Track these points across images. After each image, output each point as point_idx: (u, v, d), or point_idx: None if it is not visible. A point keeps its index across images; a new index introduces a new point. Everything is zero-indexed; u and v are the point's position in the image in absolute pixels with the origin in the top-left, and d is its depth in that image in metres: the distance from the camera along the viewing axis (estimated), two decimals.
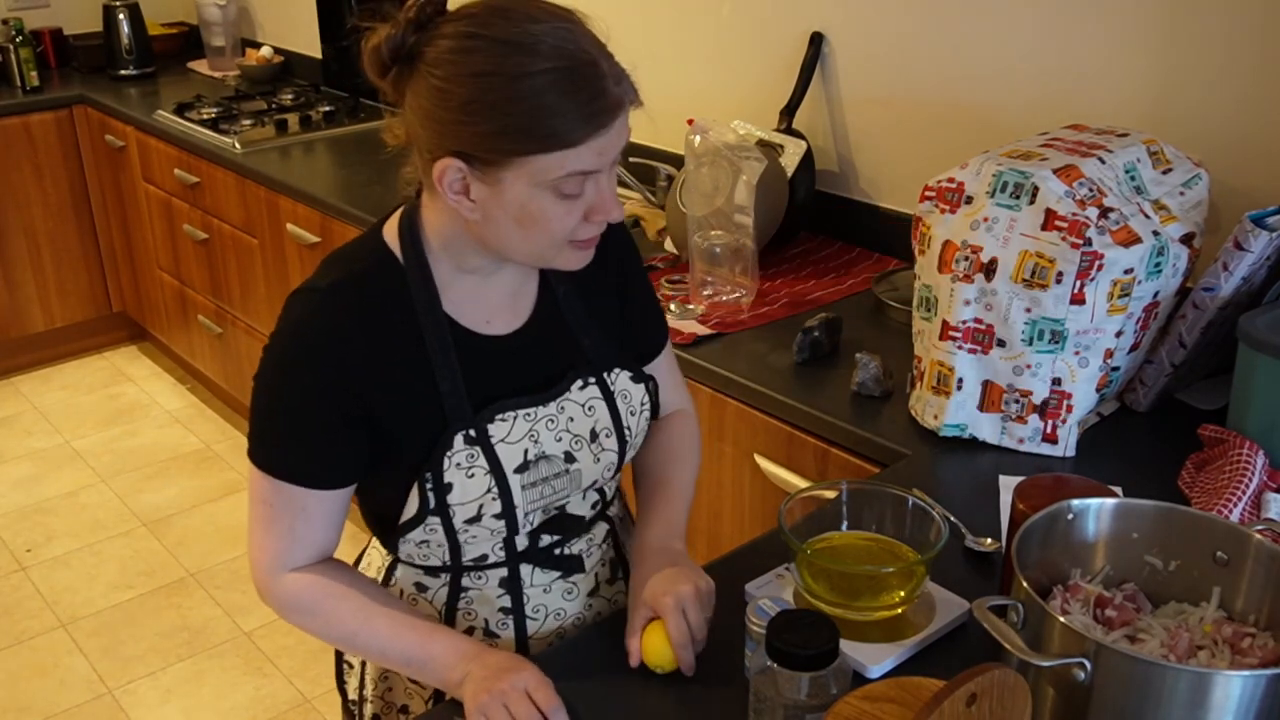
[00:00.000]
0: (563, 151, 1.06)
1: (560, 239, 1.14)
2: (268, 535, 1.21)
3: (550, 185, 1.09)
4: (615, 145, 1.10)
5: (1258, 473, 1.43)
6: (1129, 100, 1.93)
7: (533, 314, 1.27)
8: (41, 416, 3.91)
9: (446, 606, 1.30)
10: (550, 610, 1.32)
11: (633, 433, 1.30)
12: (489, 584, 1.29)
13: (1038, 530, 1.10)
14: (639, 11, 2.69)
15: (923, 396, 1.66)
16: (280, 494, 1.19)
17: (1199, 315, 1.59)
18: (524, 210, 1.10)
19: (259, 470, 1.20)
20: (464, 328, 1.22)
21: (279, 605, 1.23)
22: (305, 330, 1.16)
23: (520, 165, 1.07)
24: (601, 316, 1.31)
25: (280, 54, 4.06)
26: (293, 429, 1.18)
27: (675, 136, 2.35)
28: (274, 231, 3.14)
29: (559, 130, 1.05)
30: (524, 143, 1.06)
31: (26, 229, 3.98)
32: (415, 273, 1.20)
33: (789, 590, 1.28)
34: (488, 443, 1.20)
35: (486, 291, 1.24)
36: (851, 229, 2.42)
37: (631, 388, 1.30)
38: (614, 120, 1.08)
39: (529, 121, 1.05)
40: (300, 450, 1.18)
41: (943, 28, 2.16)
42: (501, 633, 1.31)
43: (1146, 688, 0.94)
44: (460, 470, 1.19)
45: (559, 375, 1.26)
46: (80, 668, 2.75)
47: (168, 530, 3.28)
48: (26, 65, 3.95)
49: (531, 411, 1.23)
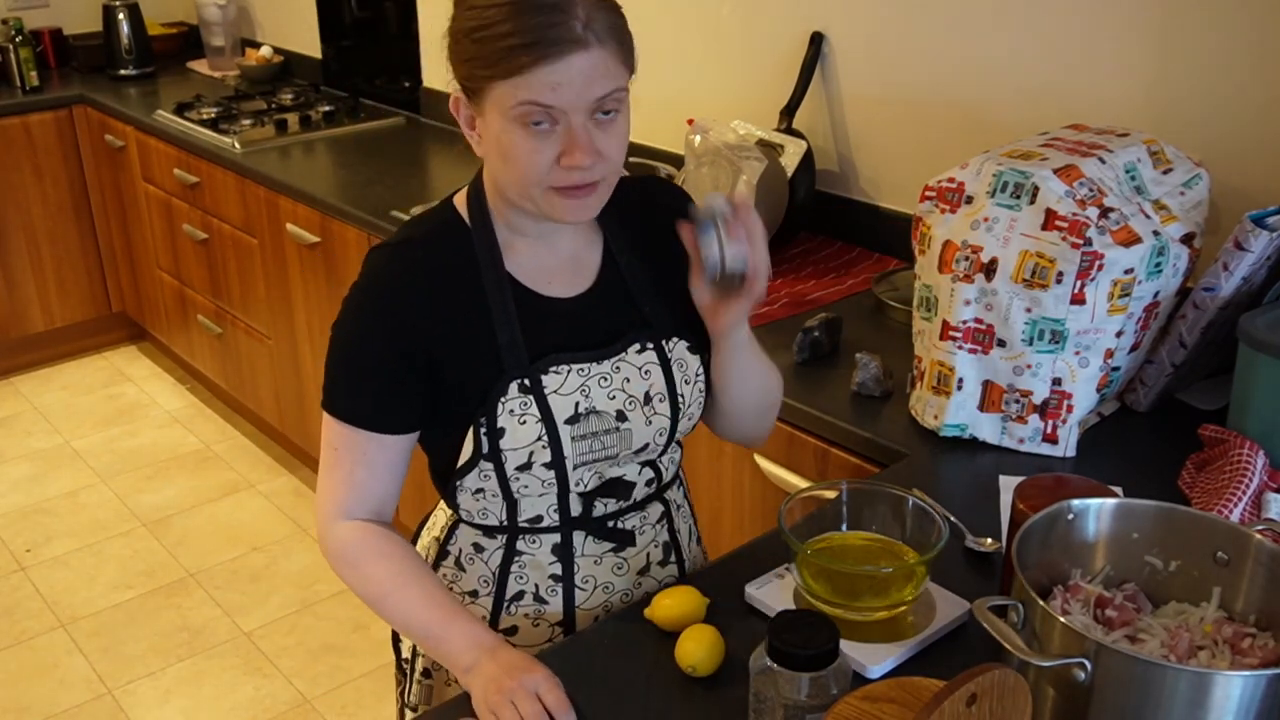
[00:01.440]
0: (514, 79, 1.12)
1: (536, 179, 1.17)
2: (330, 479, 1.29)
3: (515, 116, 1.14)
4: (578, 86, 1.13)
5: (1258, 473, 1.43)
6: (1129, 100, 1.93)
7: (595, 281, 1.32)
8: (41, 416, 3.91)
9: (500, 569, 1.35)
10: (600, 583, 1.36)
11: (686, 401, 1.33)
12: (542, 549, 1.34)
13: (1038, 530, 1.10)
14: (639, 11, 2.68)
15: (923, 396, 1.66)
16: (346, 439, 1.26)
17: (1199, 315, 1.58)
18: (499, 143, 1.17)
19: (328, 415, 1.27)
20: (525, 287, 1.28)
21: (330, 553, 1.29)
22: (377, 281, 1.25)
23: (489, 93, 1.15)
24: (666, 288, 1.34)
25: (280, 54, 4.06)
26: (360, 373, 1.25)
27: (675, 136, 2.35)
28: (274, 231, 3.14)
29: (507, 56, 1.12)
30: (483, 67, 1.14)
31: (26, 229, 3.98)
32: (480, 232, 1.27)
33: (789, 590, 1.28)
34: (541, 392, 1.25)
35: (547, 255, 1.30)
36: (851, 229, 2.42)
37: (688, 357, 1.34)
38: (567, 55, 1.12)
39: (486, 48, 1.13)
40: (365, 394, 1.25)
41: (943, 28, 2.16)
42: (550, 599, 1.35)
43: (1147, 688, 0.94)
44: (513, 416, 1.24)
45: (617, 337, 1.30)
46: (80, 668, 2.75)
47: (168, 530, 3.28)
48: (26, 65, 3.95)
49: (586, 367, 1.28)
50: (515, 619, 1.37)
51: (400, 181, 2.98)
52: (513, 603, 1.36)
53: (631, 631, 1.27)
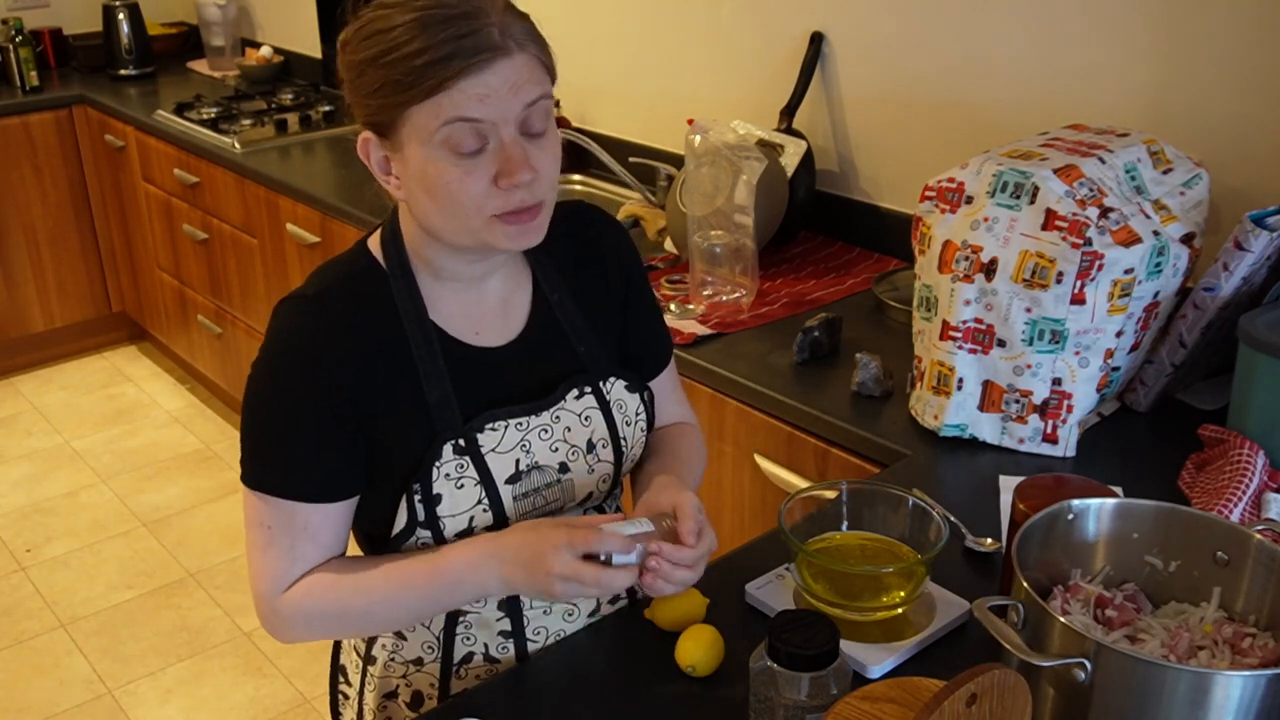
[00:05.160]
0: (434, 98, 1.04)
1: (474, 209, 1.09)
2: (266, 559, 1.16)
3: (440, 141, 1.06)
4: (504, 95, 1.05)
5: (1258, 473, 1.43)
6: (1129, 100, 1.93)
7: (526, 325, 1.25)
8: (41, 416, 3.91)
9: (445, 632, 1.27)
10: (551, 632, 1.29)
11: (629, 444, 1.28)
12: (488, 606, 1.26)
13: (1038, 530, 1.10)
14: (639, 12, 2.69)
15: (923, 396, 1.66)
16: (279, 514, 1.15)
17: (1199, 315, 1.58)
18: (425, 176, 1.08)
19: (254, 493, 1.15)
20: (453, 338, 1.20)
21: (286, 626, 1.18)
22: (293, 337, 1.14)
23: (407, 123, 1.06)
24: (599, 324, 1.29)
25: (280, 54, 4.05)
26: (288, 441, 1.14)
27: (675, 136, 2.35)
28: (274, 231, 3.14)
29: (423, 74, 1.04)
30: (397, 93, 1.05)
31: (26, 229, 3.98)
32: (399, 281, 1.18)
33: (789, 590, 1.28)
34: (478, 452, 1.17)
35: (473, 302, 1.22)
36: (851, 229, 2.42)
37: (627, 397, 1.28)
38: (491, 63, 1.04)
39: (396, 72, 1.04)
40: (297, 463, 1.14)
41: (943, 27, 2.16)
42: (502, 656, 1.28)
43: (1147, 688, 0.94)
44: (449, 481, 1.16)
45: (554, 385, 1.24)
46: (80, 668, 2.75)
47: (167, 530, 3.28)
48: (26, 65, 3.95)
49: (524, 421, 1.21)
50: (466, 682, 1.28)
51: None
52: (462, 665, 1.28)
53: (631, 631, 1.27)
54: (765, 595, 1.28)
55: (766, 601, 1.27)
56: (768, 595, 1.28)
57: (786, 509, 1.24)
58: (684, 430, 1.41)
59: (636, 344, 1.34)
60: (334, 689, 1.44)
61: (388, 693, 1.32)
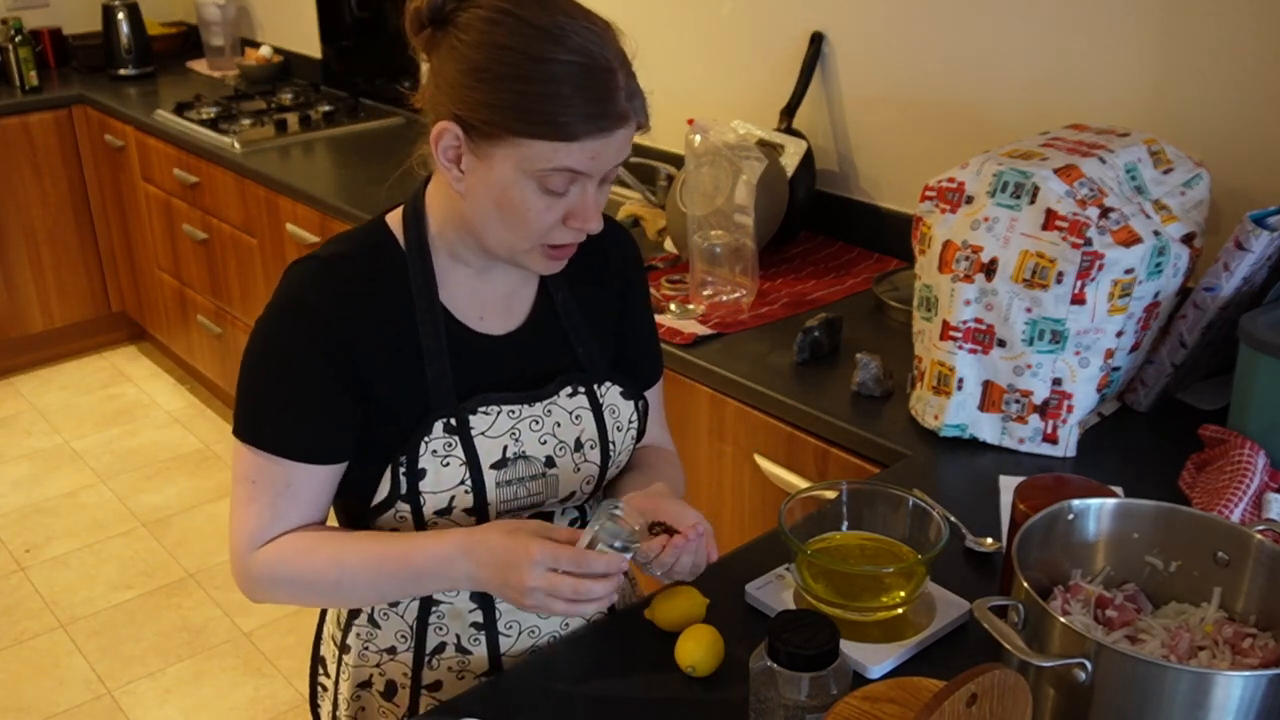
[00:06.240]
0: (557, 144, 1.08)
1: (535, 235, 1.14)
2: (246, 513, 1.18)
3: (536, 175, 1.10)
4: (611, 156, 1.12)
5: (1258, 473, 1.43)
6: (1129, 100, 1.93)
7: (528, 317, 1.28)
8: (41, 416, 3.91)
9: (418, 620, 1.28)
10: (524, 627, 1.30)
11: (617, 448, 1.29)
12: (460, 596, 1.27)
13: (1038, 530, 1.10)
14: (640, 11, 2.69)
15: (923, 396, 1.66)
16: (266, 470, 1.17)
17: (1200, 315, 1.58)
18: (505, 194, 1.11)
19: (245, 445, 1.17)
20: (458, 321, 1.23)
21: (255, 584, 1.19)
22: (302, 296, 1.17)
23: (513, 146, 1.09)
24: (598, 327, 1.31)
25: (280, 54, 4.06)
26: (285, 397, 1.16)
27: (675, 136, 2.34)
28: (273, 231, 3.14)
29: (560, 121, 1.07)
30: (524, 124, 1.07)
31: (26, 229, 3.98)
32: (415, 257, 1.21)
33: (789, 590, 1.28)
34: (467, 434, 1.19)
35: (482, 289, 1.25)
36: (851, 229, 2.42)
37: (620, 403, 1.30)
38: (616, 129, 1.10)
39: (535, 104, 1.07)
40: (290, 420, 1.16)
41: (943, 27, 2.16)
42: (474, 648, 1.28)
43: (1147, 688, 0.94)
44: (436, 458, 1.18)
45: (549, 378, 1.26)
46: (80, 668, 2.75)
47: (167, 530, 3.28)
48: (26, 65, 3.95)
49: (516, 409, 1.23)
50: (438, 673, 1.29)
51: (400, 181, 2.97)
52: (434, 655, 1.28)
53: (631, 631, 1.27)
54: (765, 595, 1.28)
55: (766, 601, 1.27)
56: (768, 595, 1.27)
57: (786, 509, 1.24)
58: (664, 454, 1.42)
59: (629, 352, 1.36)
60: (313, 681, 1.45)
61: (362, 682, 1.33)
